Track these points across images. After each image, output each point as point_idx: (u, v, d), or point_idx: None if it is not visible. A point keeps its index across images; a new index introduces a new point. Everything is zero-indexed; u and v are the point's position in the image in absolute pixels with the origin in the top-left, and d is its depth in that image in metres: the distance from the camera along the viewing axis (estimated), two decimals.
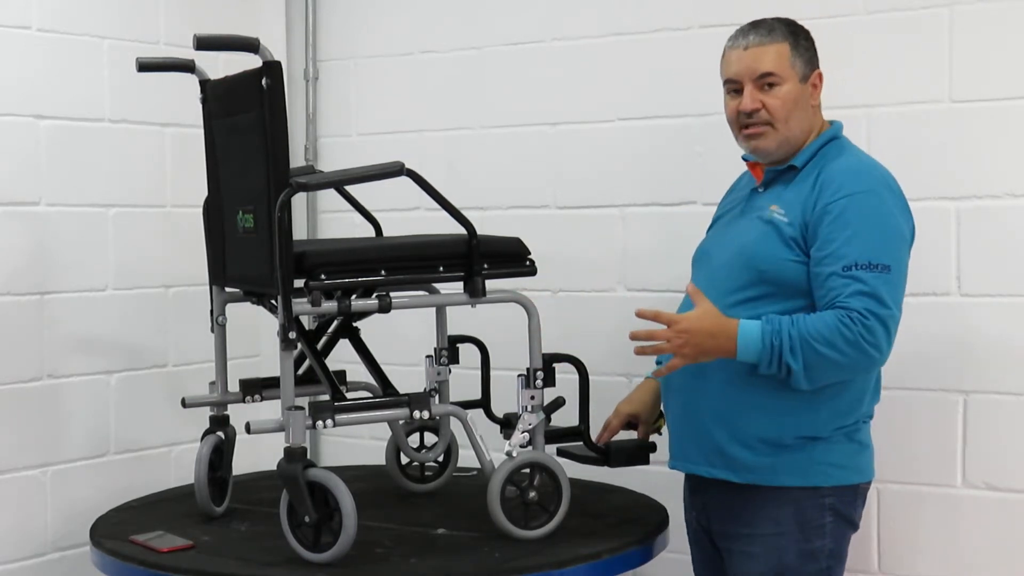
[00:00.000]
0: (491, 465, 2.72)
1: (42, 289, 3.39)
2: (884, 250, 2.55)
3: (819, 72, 2.70)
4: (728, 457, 2.67)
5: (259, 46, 2.55)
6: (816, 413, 2.62)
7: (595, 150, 3.58)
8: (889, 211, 2.59)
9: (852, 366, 2.55)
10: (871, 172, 2.64)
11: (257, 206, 2.64)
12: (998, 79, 3.03)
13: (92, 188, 3.51)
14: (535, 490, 2.73)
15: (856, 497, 2.71)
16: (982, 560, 3.09)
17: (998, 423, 3.06)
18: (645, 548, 2.82)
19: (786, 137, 2.66)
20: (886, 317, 2.53)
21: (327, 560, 2.56)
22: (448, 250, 2.74)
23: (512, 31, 3.69)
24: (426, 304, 2.91)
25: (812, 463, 2.63)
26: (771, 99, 2.64)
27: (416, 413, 2.68)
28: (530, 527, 2.73)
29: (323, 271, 2.60)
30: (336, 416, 2.61)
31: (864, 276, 2.52)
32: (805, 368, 2.53)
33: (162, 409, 3.59)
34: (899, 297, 2.58)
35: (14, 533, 3.33)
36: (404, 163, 2.63)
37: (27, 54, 3.35)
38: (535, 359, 2.76)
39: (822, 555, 2.67)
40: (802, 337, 2.53)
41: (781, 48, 2.65)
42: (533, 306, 2.78)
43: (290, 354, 2.59)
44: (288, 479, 2.57)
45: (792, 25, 2.71)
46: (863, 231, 2.55)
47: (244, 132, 2.67)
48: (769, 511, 2.65)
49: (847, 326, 2.51)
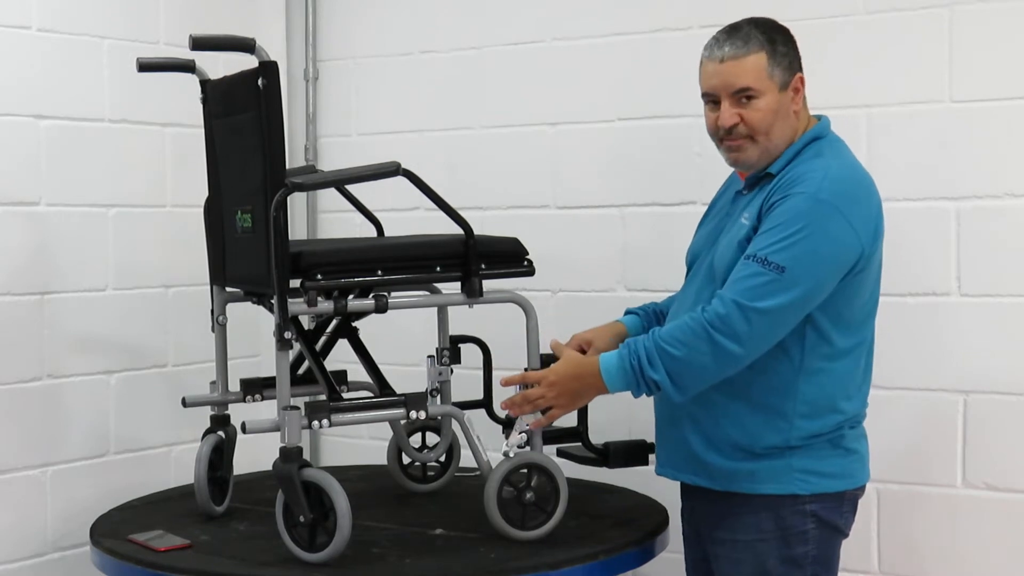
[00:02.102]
0: (488, 466, 2.72)
1: (42, 289, 3.39)
2: (786, 253, 2.46)
3: (800, 76, 2.61)
4: (705, 464, 2.65)
5: (255, 46, 2.55)
6: (787, 422, 2.58)
7: (595, 150, 3.58)
8: (819, 228, 2.47)
9: (712, 364, 2.49)
10: (831, 182, 2.51)
11: (255, 206, 2.65)
12: (998, 79, 3.03)
13: (92, 188, 3.51)
14: (532, 491, 2.73)
15: (842, 504, 2.64)
16: (982, 560, 3.09)
17: (998, 423, 3.06)
18: (643, 549, 2.82)
19: (767, 148, 2.60)
20: (750, 310, 2.46)
21: (322, 560, 2.56)
22: (445, 250, 2.73)
23: (512, 31, 3.69)
24: (423, 304, 2.91)
25: (790, 471, 2.58)
26: (750, 112, 2.57)
27: (413, 413, 2.69)
28: (527, 528, 2.73)
29: (319, 271, 2.60)
30: (332, 416, 2.61)
31: (751, 267, 2.48)
32: (669, 377, 2.51)
33: (162, 409, 3.59)
34: (784, 300, 2.46)
35: (14, 533, 3.33)
36: (400, 163, 2.62)
37: (27, 54, 3.35)
38: (533, 359, 2.77)
39: (806, 562, 2.62)
40: (657, 346, 2.52)
41: (758, 59, 2.56)
42: (531, 306, 2.78)
43: (286, 354, 2.59)
44: (284, 479, 2.58)
45: (769, 29, 2.60)
46: (778, 228, 2.48)
47: (242, 132, 2.68)
48: (750, 518, 2.62)
49: (696, 320, 2.49)
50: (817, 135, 2.63)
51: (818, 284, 2.49)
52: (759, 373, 2.56)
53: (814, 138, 2.63)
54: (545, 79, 3.63)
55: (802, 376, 2.57)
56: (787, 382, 2.57)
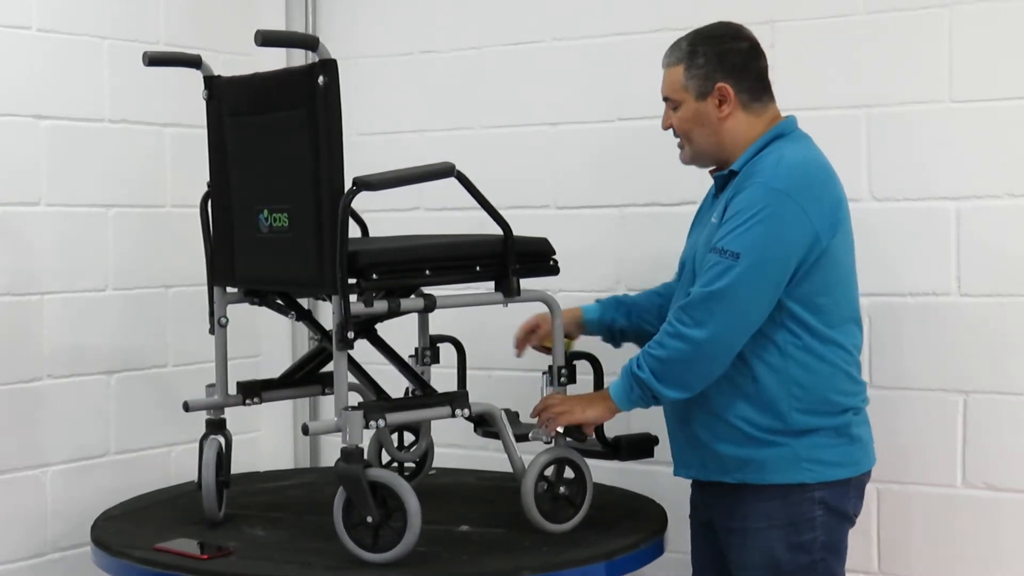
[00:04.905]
0: (522, 464, 2.77)
1: (42, 289, 3.39)
2: (740, 240, 2.60)
3: (721, 86, 2.73)
4: (718, 455, 2.75)
5: (319, 44, 2.56)
6: (784, 411, 2.69)
7: (595, 150, 3.58)
8: (772, 213, 2.60)
9: (689, 354, 2.63)
10: (785, 170, 2.65)
11: (295, 205, 2.63)
12: (998, 79, 3.03)
13: (92, 188, 3.51)
14: (564, 484, 2.79)
15: (848, 490, 2.76)
16: (982, 560, 3.09)
17: (998, 423, 3.06)
18: (651, 548, 2.84)
19: (696, 151, 2.81)
20: (706, 295, 2.61)
21: (390, 560, 2.54)
22: (486, 250, 2.77)
23: (512, 31, 3.69)
24: (463, 304, 2.87)
25: (797, 460, 2.69)
26: (675, 119, 2.81)
27: (457, 411, 2.72)
28: (559, 521, 2.78)
29: (375, 271, 2.59)
30: (387, 415, 2.61)
31: (712, 259, 2.63)
32: (654, 376, 2.66)
33: (162, 409, 3.59)
34: (734, 278, 2.58)
35: (14, 533, 3.33)
36: (455, 164, 2.69)
37: (27, 54, 3.35)
38: (558, 357, 2.83)
39: (814, 547, 2.72)
40: (643, 351, 2.69)
41: (675, 72, 2.78)
42: (557, 305, 2.85)
43: (344, 354, 2.58)
44: (349, 479, 2.54)
45: (695, 42, 2.77)
46: (734, 218, 2.63)
47: (280, 129, 2.65)
48: (760, 506, 2.72)
49: (668, 319, 2.67)
50: (780, 133, 2.75)
51: (770, 261, 2.61)
52: (750, 365, 2.68)
53: (776, 136, 2.75)
54: (545, 79, 3.64)
55: (795, 361, 2.68)
56: (780, 369, 2.68)
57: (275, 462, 3.91)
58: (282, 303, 2.96)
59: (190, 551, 2.69)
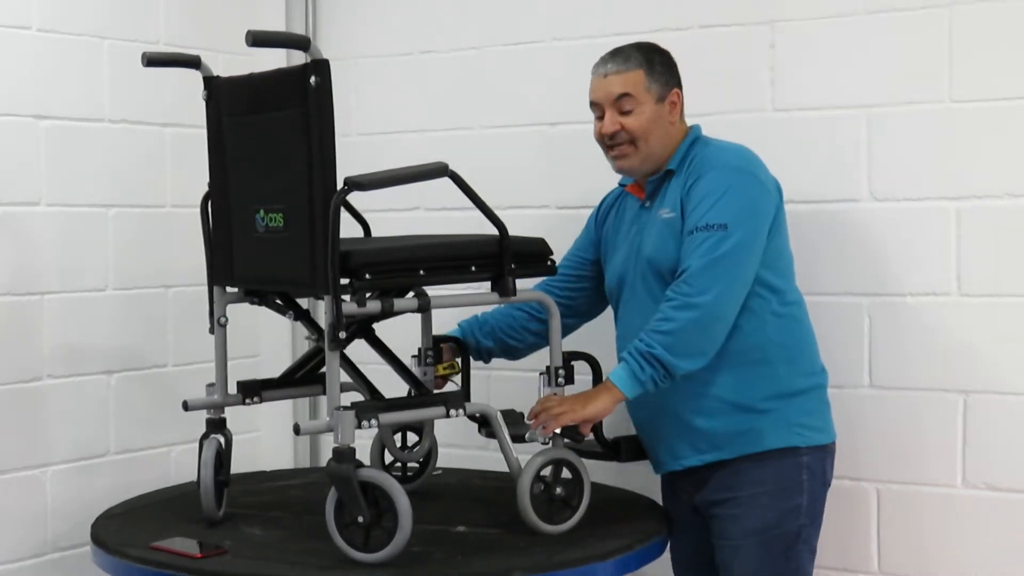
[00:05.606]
0: (518, 465, 2.76)
1: (42, 289, 3.39)
2: (722, 212, 2.76)
3: (676, 91, 2.94)
4: (709, 436, 2.84)
5: (310, 44, 2.57)
6: (773, 368, 2.84)
7: (595, 150, 3.57)
8: (739, 186, 2.81)
9: (700, 320, 2.73)
10: (734, 154, 2.89)
11: (289, 205, 2.63)
12: (998, 79, 3.02)
13: (92, 188, 3.51)
14: (560, 486, 2.80)
15: (826, 456, 2.93)
16: (982, 560, 3.09)
17: (998, 423, 3.06)
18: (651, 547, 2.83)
19: (647, 154, 2.91)
20: (709, 262, 2.73)
21: (381, 560, 2.53)
22: (481, 250, 2.77)
23: (512, 31, 3.69)
24: (459, 304, 2.89)
25: (788, 424, 2.85)
26: (630, 120, 2.89)
27: (452, 411, 2.72)
28: (555, 522, 2.78)
29: (368, 271, 2.59)
30: (380, 416, 2.61)
31: (698, 236, 2.76)
32: (668, 351, 2.72)
33: (162, 409, 3.58)
34: (733, 244, 2.74)
35: (14, 533, 3.33)
36: (448, 164, 2.69)
37: (27, 54, 3.35)
38: (556, 358, 2.83)
39: (800, 513, 2.85)
40: (648, 332, 2.74)
41: (637, 75, 2.89)
42: (555, 305, 2.86)
43: (337, 354, 2.58)
44: (340, 479, 2.54)
45: (648, 51, 2.93)
46: (706, 198, 2.79)
47: (275, 129, 2.65)
48: (752, 474, 2.84)
49: (670, 296, 2.75)
50: (696, 136, 2.97)
51: (754, 231, 2.80)
52: (732, 335, 2.80)
53: (695, 138, 2.96)
54: (545, 79, 3.63)
55: (770, 322, 2.85)
56: (758, 330, 2.83)
57: (275, 462, 3.91)
58: (281, 303, 2.96)
59: (186, 550, 2.68)
